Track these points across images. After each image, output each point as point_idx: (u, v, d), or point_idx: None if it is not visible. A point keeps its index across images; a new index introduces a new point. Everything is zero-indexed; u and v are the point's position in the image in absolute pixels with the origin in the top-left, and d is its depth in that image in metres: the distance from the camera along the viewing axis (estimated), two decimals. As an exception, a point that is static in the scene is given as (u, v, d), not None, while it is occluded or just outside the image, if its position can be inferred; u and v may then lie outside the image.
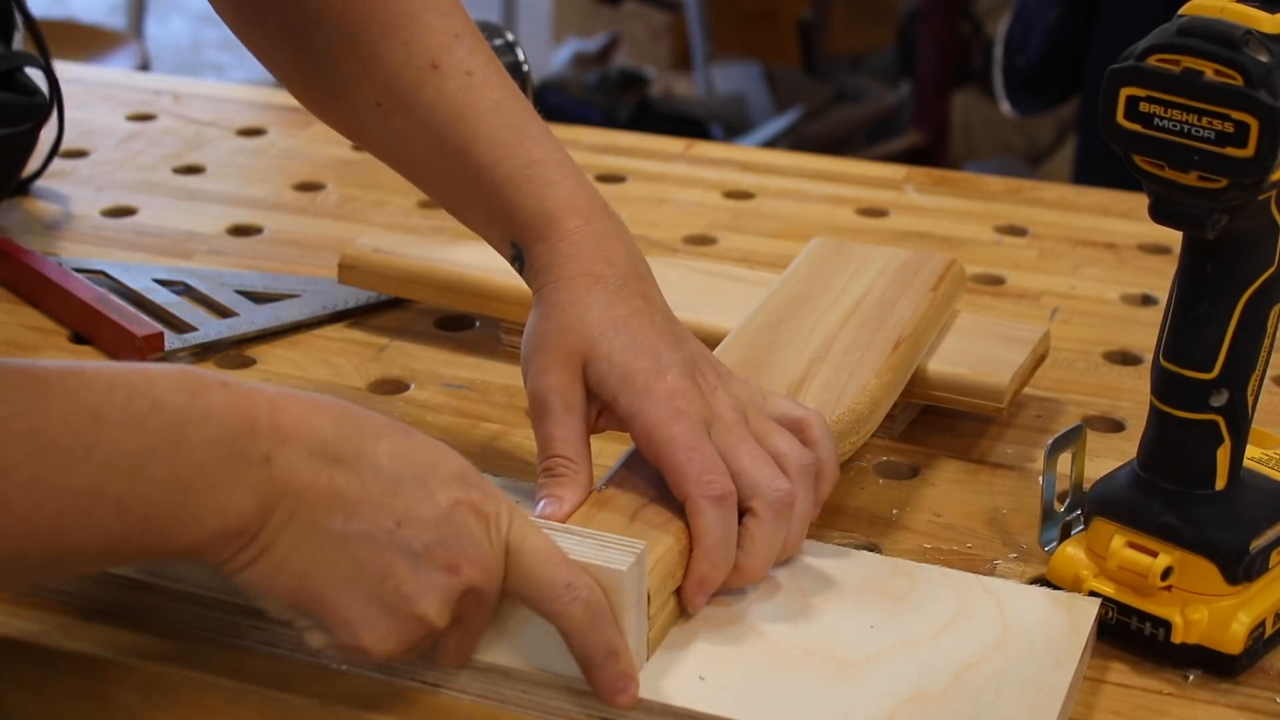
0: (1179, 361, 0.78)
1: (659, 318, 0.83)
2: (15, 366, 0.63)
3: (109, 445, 0.64)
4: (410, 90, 0.87)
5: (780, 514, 0.79)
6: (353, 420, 0.71)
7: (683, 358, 0.82)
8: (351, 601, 0.69)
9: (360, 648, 0.70)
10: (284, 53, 0.92)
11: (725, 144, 2.54)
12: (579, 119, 2.96)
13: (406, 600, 0.69)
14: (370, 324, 1.13)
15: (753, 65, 3.78)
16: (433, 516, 0.70)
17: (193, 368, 0.69)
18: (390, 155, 0.91)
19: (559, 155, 0.86)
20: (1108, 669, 0.80)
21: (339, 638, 0.70)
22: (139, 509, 0.65)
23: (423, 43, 0.87)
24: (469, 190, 0.87)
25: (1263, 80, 0.71)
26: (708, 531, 0.77)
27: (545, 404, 0.81)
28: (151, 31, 4.13)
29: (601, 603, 0.72)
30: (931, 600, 0.80)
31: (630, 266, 0.84)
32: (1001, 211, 1.35)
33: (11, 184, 1.27)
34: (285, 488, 0.67)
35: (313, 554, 0.68)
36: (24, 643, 0.78)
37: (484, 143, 0.86)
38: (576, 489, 0.79)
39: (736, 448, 0.79)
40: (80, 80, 1.59)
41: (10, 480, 0.61)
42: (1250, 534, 0.79)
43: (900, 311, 0.98)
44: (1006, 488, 0.95)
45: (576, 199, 0.85)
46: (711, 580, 0.78)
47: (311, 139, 1.46)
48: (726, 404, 0.81)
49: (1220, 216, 0.74)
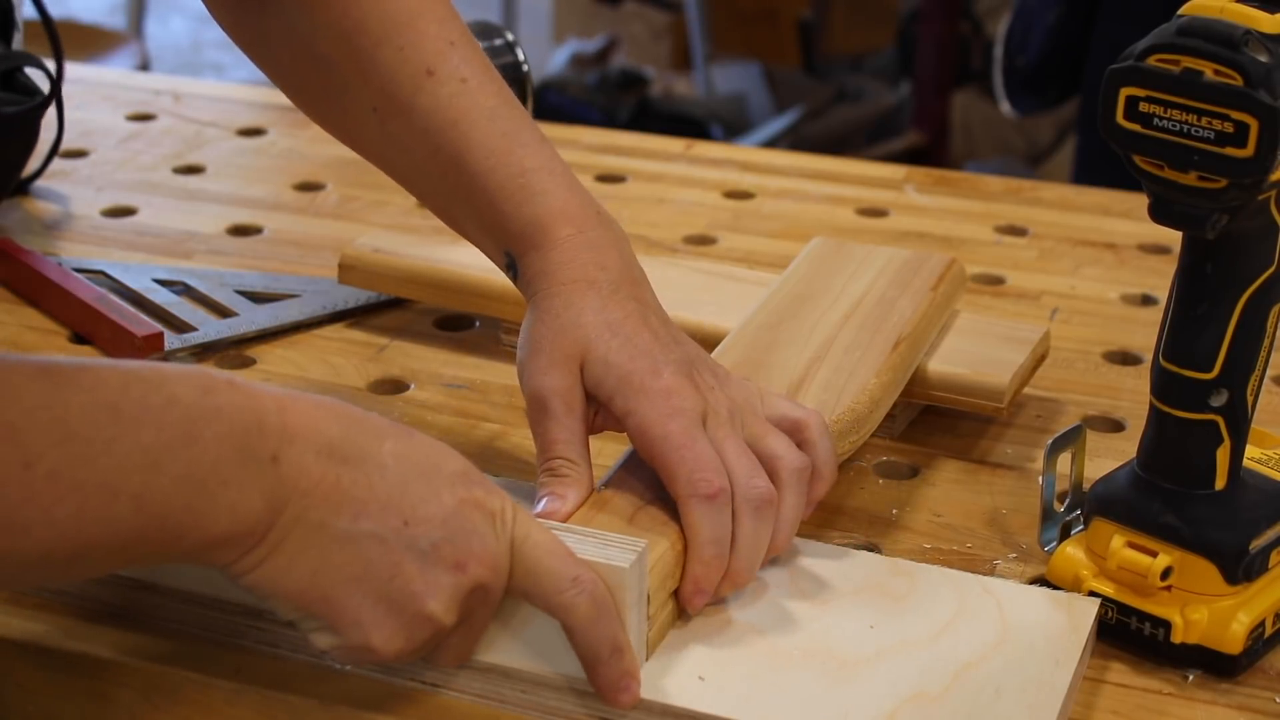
0: (1179, 361, 0.78)
1: (654, 320, 0.83)
2: (33, 361, 0.63)
3: (128, 440, 0.64)
4: (405, 96, 0.87)
5: (760, 513, 0.78)
6: (357, 421, 0.71)
7: (679, 357, 0.82)
8: (360, 600, 0.69)
9: (368, 647, 0.70)
10: (282, 56, 0.92)
11: (725, 144, 2.54)
12: (579, 119, 2.96)
13: (414, 598, 0.69)
14: (370, 324, 1.13)
15: (753, 65, 3.78)
16: (439, 515, 0.70)
17: (199, 366, 0.69)
18: (386, 161, 0.91)
19: (552, 163, 0.86)
20: (1108, 669, 0.80)
21: (347, 638, 0.70)
22: (156, 505, 0.64)
23: (418, 49, 0.87)
24: (462, 198, 0.87)
25: (1262, 80, 0.71)
26: (698, 529, 0.77)
27: (545, 405, 0.81)
28: (151, 31, 4.13)
29: (607, 598, 0.72)
30: (931, 600, 0.80)
31: (624, 272, 0.84)
32: (1001, 211, 1.35)
33: (11, 184, 1.27)
34: (294, 487, 0.67)
35: (321, 553, 0.68)
36: (24, 643, 0.78)
37: (477, 150, 0.86)
38: (578, 488, 0.79)
39: (723, 444, 0.79)
40: (80, 80, 1.58)
41: (34, 472, 0.61)
42: (1250, 534, 0.79)
43: (900, 311, 0.98)
44: (1006, 488, 0.95)
45: (569, 207, 0.85)
46: (705, 579, 0.78)
47: (311, 139, 1.46)
48: (722, 403, 0.81)
49: (1220, 216, 0.74)
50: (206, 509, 0.66)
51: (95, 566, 0.68)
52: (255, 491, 0.66)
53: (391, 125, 0.88)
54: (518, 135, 0.86)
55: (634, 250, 0.87)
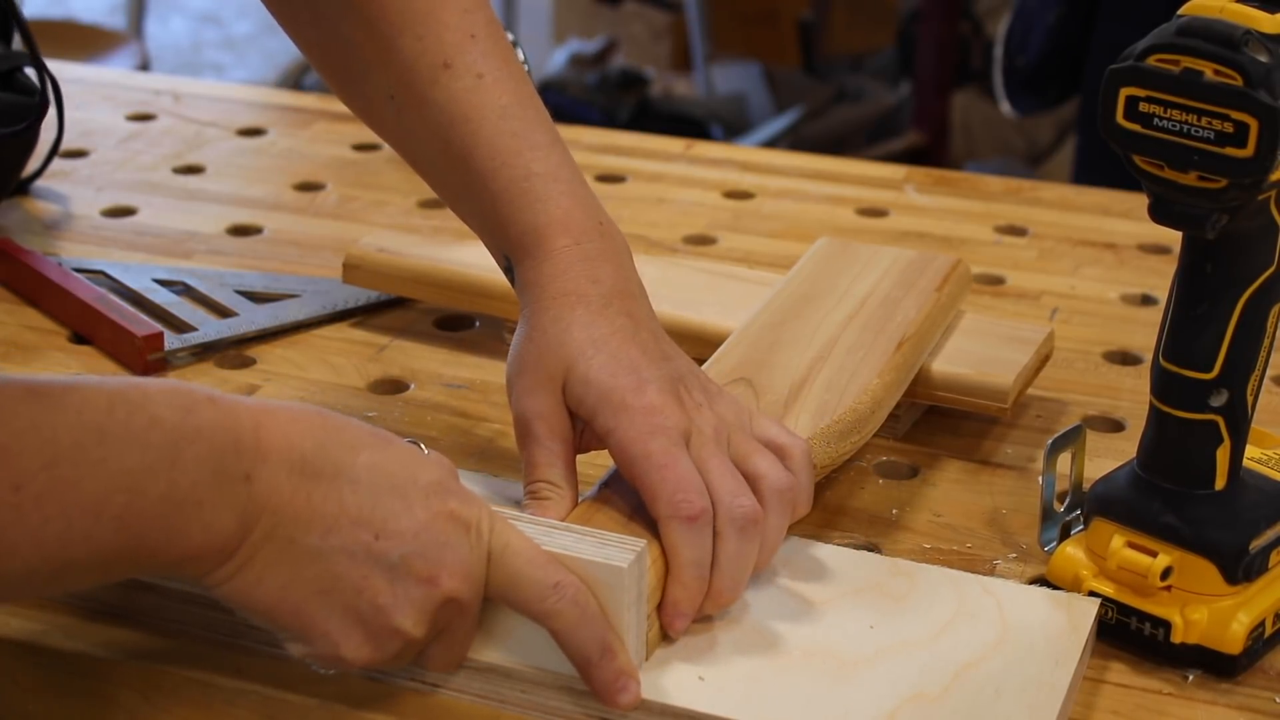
0: (1179, 361, 0.78)
1: (644, 334, 0.82)
2: (20, 381, 0.64)
3: (113, 462, 0.64)
4: (422, 88, 0.86)
5: (745, 532, 0.77)
6: (334, 431, 0.71)
7: (666, 374, 0.80)
8: (328, 614, 0.70)
9: (338, 657, 0.70)
10: (310, 34, 0.91)
11: (725, 144, 2.54)
12: (579, 119, 2.96)
13: (382, 612, 0.70)
14: (370, 324, 1.13)
15: (753, 65, 3.78)
16: (410, 528, 0.70)
17: (180, 382, 0.69)
18: (402, 148, 0.91)
19: (559, 169, 0.85)
20: (1107, 669, 0.80)
21: (317, 648, 0.71)
22: (137, 525, 0.65)
23: (437, 39, 0.86)
24: (469, 196, 0.87)
25: (1262, 80, 0.71)
26: (677, 552, 0.76)
27: (529, 428, 0.81)
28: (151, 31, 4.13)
29: (590, 601, 0.72)
30: (931, 600, 0.80)
31: (617, 285, 0.83)
32: (1001, 211, 1.35)
33: (11, 184, 1.27)
34: (264, 505, 0.68)
35: (290, 569, 0.69)
36: (24, 643, 0.78)
37: (484, 149, 0.85)
38: (558, 511, 0.79)
39: (707, 463, 0.78)
40: (80, 80, 1.59)
41: (23, 494, 0.62)
42: (1250, 534, 0.79)
43: (904, 311, 0.98)
44: (1006, 488, 0.95)
45: (570, 217, 0.84)
46: (686, 601, 0.76)
47: (311, 139, 1.46)
48: (708, 421, 0.80)
49: (1220, 216, 0.74)
50: (183, 527, 0.66)
51: (74, 583, 0.69)
52: (228, 510, 0.67)
53: (407, 115, 0.87)
54: (528, 136, 0.86)
55: (634, 250, 0.86)
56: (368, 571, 0.69)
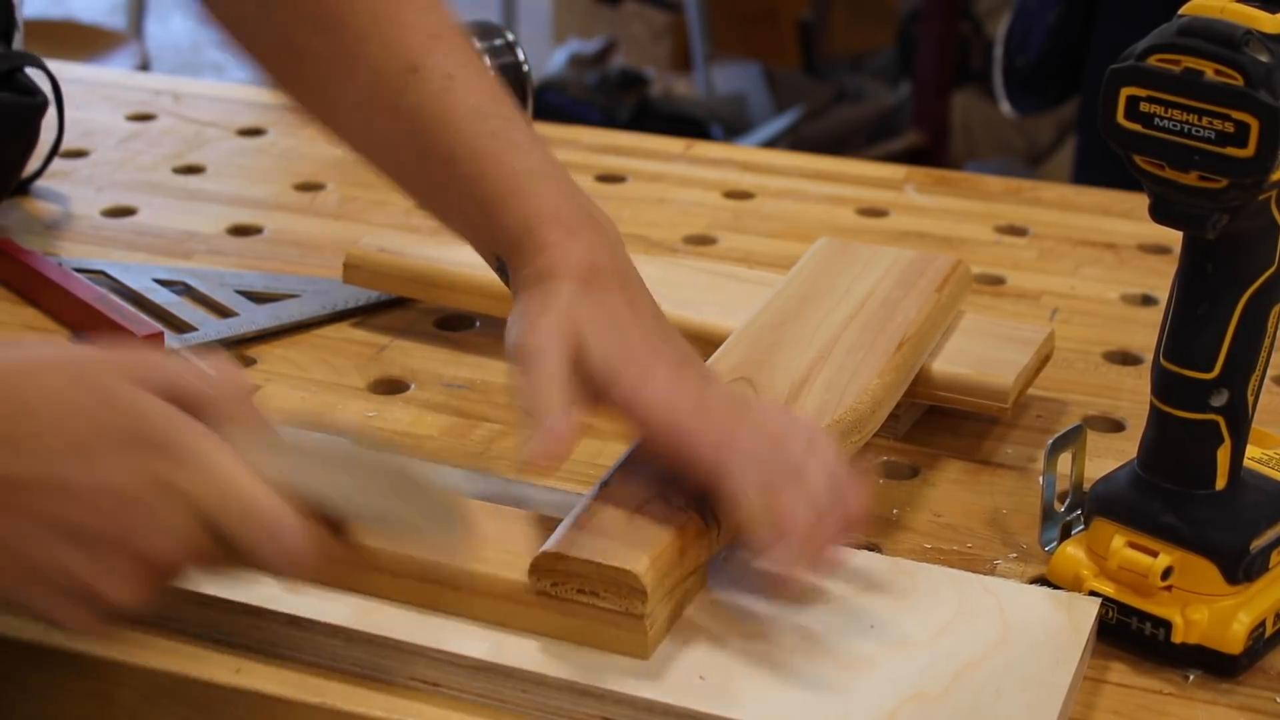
0: (1179, 361, 0.78)
1: (645, 313, 0.82)
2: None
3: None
4: (391, 95, 0.85)
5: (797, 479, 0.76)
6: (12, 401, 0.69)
7: (673, 349, 0.81)
8: (36, 594, 0.71)
9: (64, 626, 0.72)
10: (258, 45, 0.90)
11: (725, 144, 2.55)
12: (579, 119, 2.96)
13: (85, 585, 0.70)
14: (370, 324, 1.13)
15: (753, 65, 3.78)
16: (94, 494, 0.69)
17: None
18: (370, 155, 0.89)
19: (542, 165, 0.84)
20: (1108, 669, 0.80)
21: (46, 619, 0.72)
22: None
23: (402, 43, 0.85)
24: (452, 200, 0.86)
25: (1263, 80, 0.71)
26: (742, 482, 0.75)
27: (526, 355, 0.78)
28: (151, 31, 4.13)
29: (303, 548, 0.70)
30: (932, 600, 0.80)
31: (616, 271, 0.82)
32: (1001, 211, 1.35)
33: (11, 184, 1.27)
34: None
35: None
36: (24, 643, 0.78)
37: (465, 153, 0.84)
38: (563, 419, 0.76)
39: (732, 427, 0.78)
40: (80, 80, 1.58)
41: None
42: (1250, 534, 0.79)
43: (905, 312, 0.98)
44: (1007, 488, 0.95)
45: (560, 211, 0.83)
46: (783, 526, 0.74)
47: (312, 139, 1.46)
48: (719, 393, 0.80)
49: (1220, 216, 0.74)
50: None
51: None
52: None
53: (378, 123, 0.86)
54: (507, 135, 0.84)
55: (634, 250, 0.86)
56: (55, 550, 0.69)
